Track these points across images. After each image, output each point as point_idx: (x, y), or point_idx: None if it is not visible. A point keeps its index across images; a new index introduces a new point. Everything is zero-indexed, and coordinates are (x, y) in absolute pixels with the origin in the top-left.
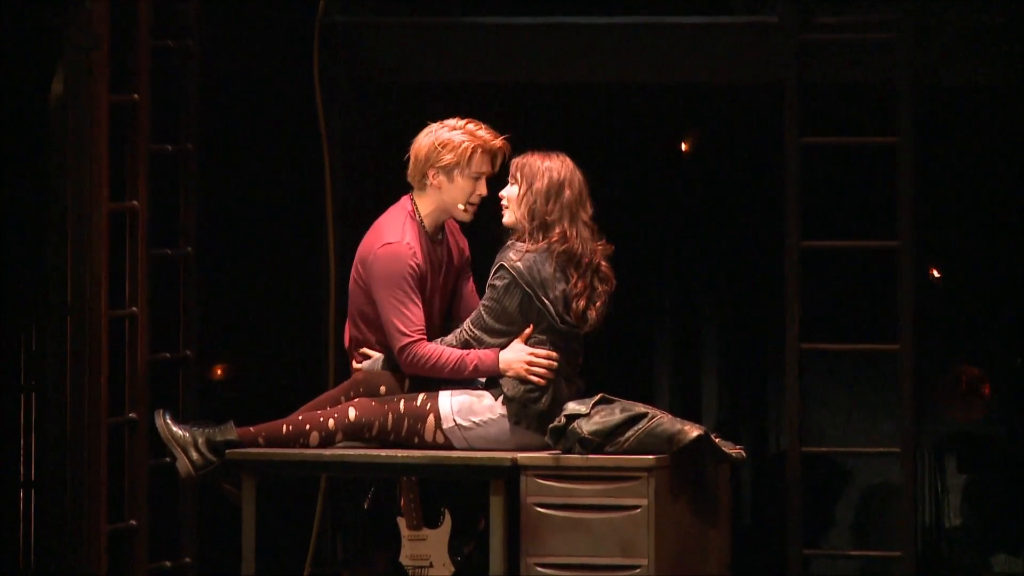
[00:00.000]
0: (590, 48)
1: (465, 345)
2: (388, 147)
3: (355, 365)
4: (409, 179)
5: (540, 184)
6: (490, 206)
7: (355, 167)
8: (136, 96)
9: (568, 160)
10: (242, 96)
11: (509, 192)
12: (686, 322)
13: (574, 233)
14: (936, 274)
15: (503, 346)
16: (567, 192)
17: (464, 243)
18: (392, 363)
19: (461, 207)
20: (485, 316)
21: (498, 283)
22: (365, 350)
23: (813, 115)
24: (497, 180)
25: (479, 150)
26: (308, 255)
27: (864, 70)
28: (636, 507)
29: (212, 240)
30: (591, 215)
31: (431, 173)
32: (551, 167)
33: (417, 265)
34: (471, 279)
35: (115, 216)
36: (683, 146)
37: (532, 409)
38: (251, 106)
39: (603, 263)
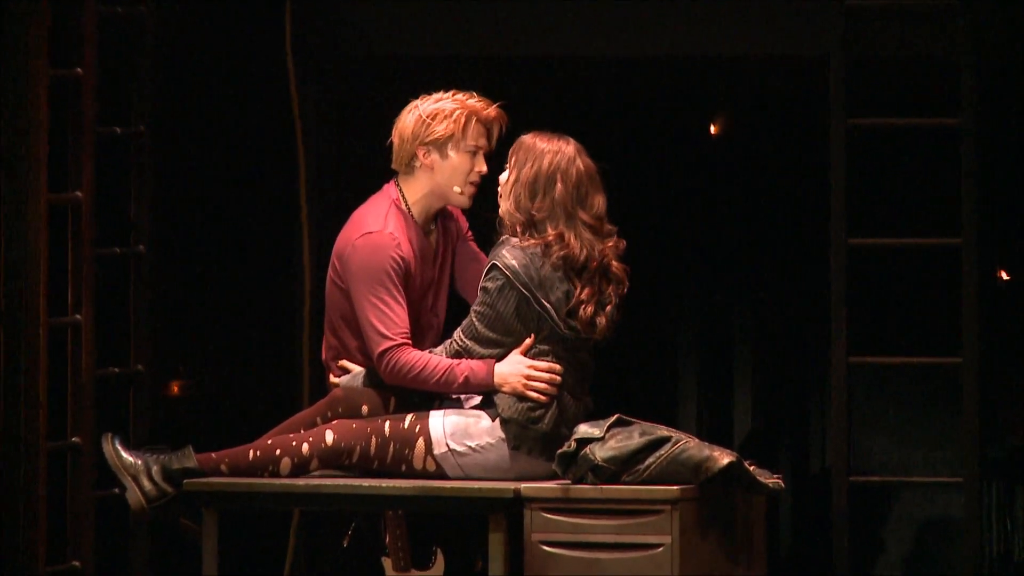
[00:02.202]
0: (604, 16)
1: (456, 357)
2: (371, 129)
3: (332, 380)
4: (395, 165)
5: (527, 172)
6: (491, 195)
7: (332, 152)
8: (80, 70)
9: (571, 146)
10: (203, 71)
11: (503, 177)
12: (715, 331)
13: (572, 235)
14: (1004, 276)
15: (500, 357)
16: (558, 186)
17: (460, 220)
18: (376, 378)
19: (458, 189)
20: (477, 324)
21: (490, 285)
22: (344, 363)
23: (862, 93)
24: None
25: (473, 118)
26: (279, 254)
27: (922, 41)
28: (658, 546)
29: (168, 237)
30: (597, 212)
31: (421, 152)
32: (545, 152)
33: (401, 258)
34: (473, 243)
35: (55, 209)
36: (712, 128)
37: (533, 431)
38: (213, 82)
39: (614, 263)
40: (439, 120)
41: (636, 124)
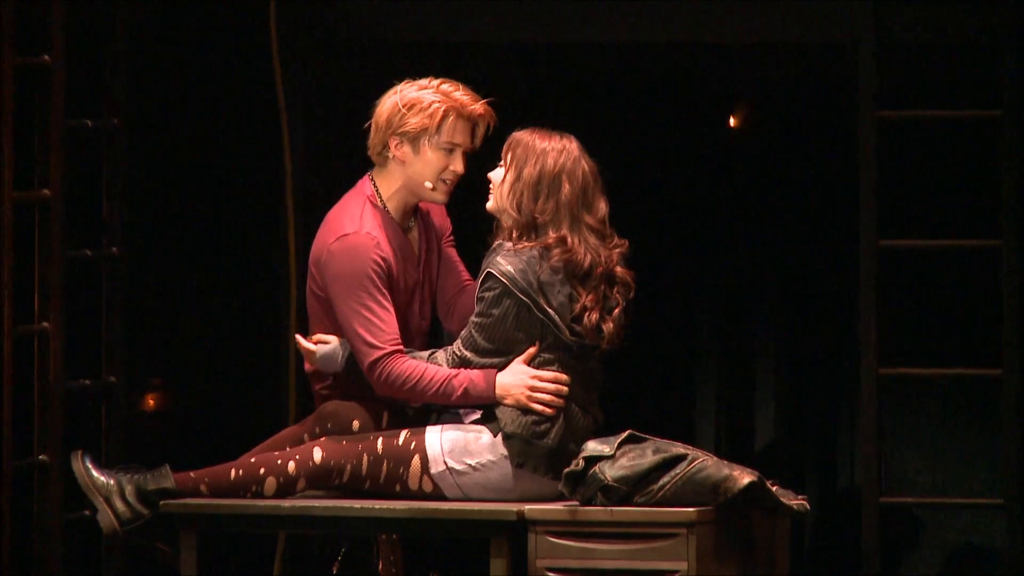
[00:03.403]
0: None
1: (457, 367)
2: (363, 120)
3: (308, 367)
4: (370, 153)
5: (531, 172)
6: (484, 192)
7: (321, 146)
8: (48, 58)
9: (574, 144)
10: (181, 58)
11: (495, 175)
12: (735, 339)
13: (576, 240)
14: None
15: (502, 367)
16: (565, 187)
17: (444, 219)
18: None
19: (429, 185)
20: (475, 334)
21: (487, 295)
22: (320, 336)
23: (894, 82)
24: (487, 160)
25: (453, 114)
26: (263, 256)
27: (959, 25)
28: (673, 572)
29: (143, 238)
30: (602, 216)
31: (393, 142)
32: (548, 151)
33: (383, 259)
34: (454, 250)
35: (21, 208)
36: (731, 120)
37: (537, 447)
38: (192, 70)
39: (618, 268)
40: (415, 111)
41: (648, 117)
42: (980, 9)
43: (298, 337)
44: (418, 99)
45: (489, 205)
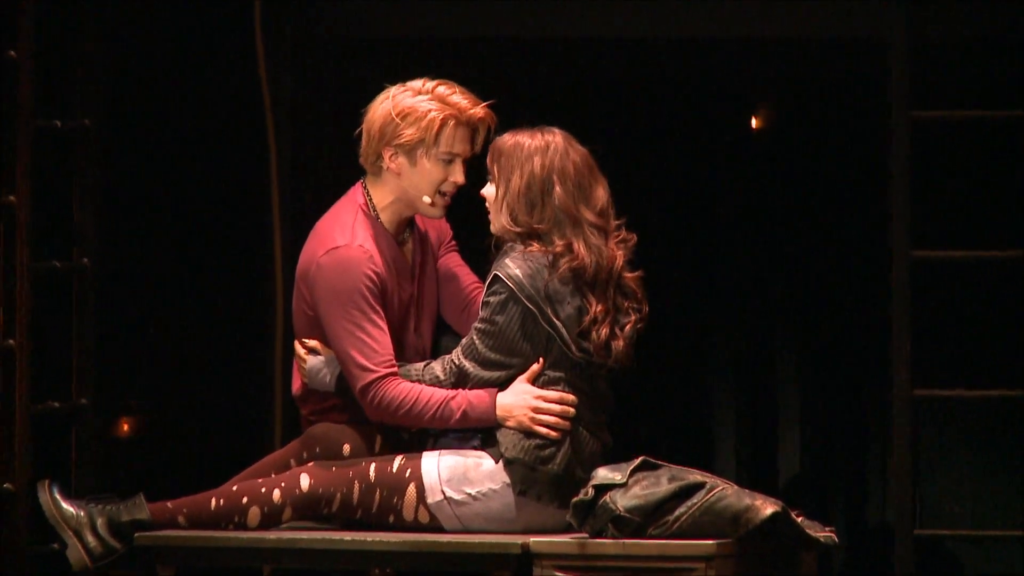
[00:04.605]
0: None
1: (454, 379)
2: (353, 123)
3: (296, 389)
4: (361, 161)
5: (518, 182)
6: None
7: (309, 150)
8: (13, 53)
9: (558, 136)
10: (159, 53)
11: (488, 191)
12: (756, 357)
13: (580, 244)
14: None
15: (504, 385)
16: (557, 189)
17: (442, 226)
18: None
19: (427, 200)
20: (478, 344)
21: (493, 299)
22: (316, 343)
23: (928, 81)
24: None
25: (451, 122)
26: (247, 270)
27: (997, 20)
28: None
29: (116, 249)
30: (602, 207)
31: (387, 154)
32: (533, 153)
33: (376, 273)
34: (457, 254)
35: None
36: (753, 121)
37: (542, 473)
38: (169, 68)
39: (627, 275)
40: (410, 121)
41: (663, 118)
42: (1019, 4)
43: (296, 343)
44: (413, 108)
45: (493, 228)
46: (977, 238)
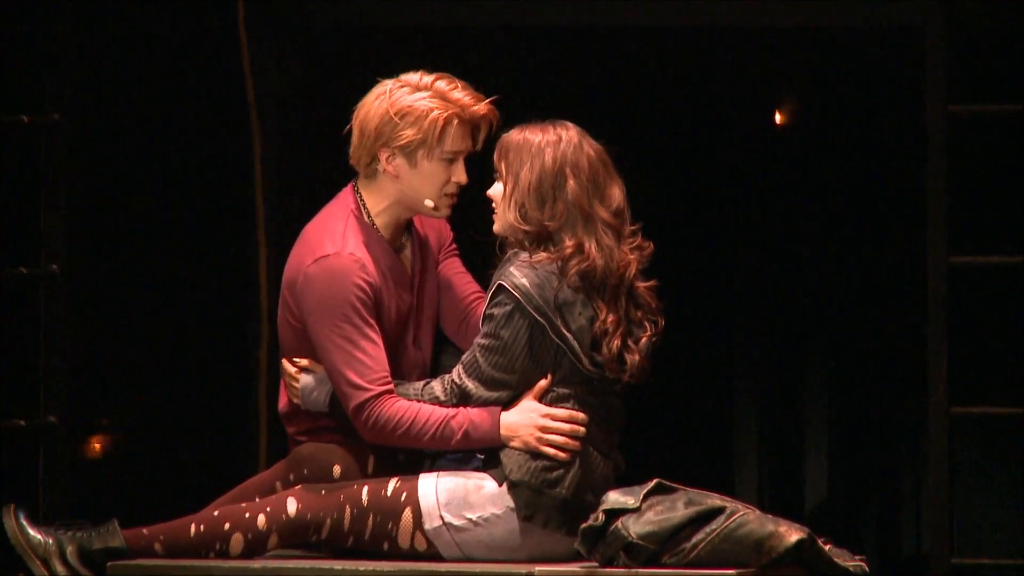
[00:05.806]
0: None
1: (455, 399)
2: (344, 119)
3: (283, 406)
4: (352, 162)
5: (529, 177)
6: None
7: (295, 147)
8: None
9: (572, 130)
10: (135, 45)
11: (495, 191)
12: (780, 371)
13: (592, 244)
14: None
15: (508, 403)
16: (570, 182)
17: (442, 228)
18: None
19: (430, 204)
20: (481, 360)
21: (497, 312)
22: (308, 361)
23: (966, 73)
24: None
25: (455, 120)
26: (229, 278)
27: None
28: None
29: (88, 254)
30: (617, 207)
31: (384, 155)
32: (544, 147)
33: (368, 283)
34: (457, 259)
35: None
36: (777, 116)
37: (549, 497)
38: (145, 60)
39: (639, 284)
40: (409, 121)
41: (681, 112)
42: None
43: (284, 362)
44: (412, 107)
45: (496, 227)
46: (1020, 243)
